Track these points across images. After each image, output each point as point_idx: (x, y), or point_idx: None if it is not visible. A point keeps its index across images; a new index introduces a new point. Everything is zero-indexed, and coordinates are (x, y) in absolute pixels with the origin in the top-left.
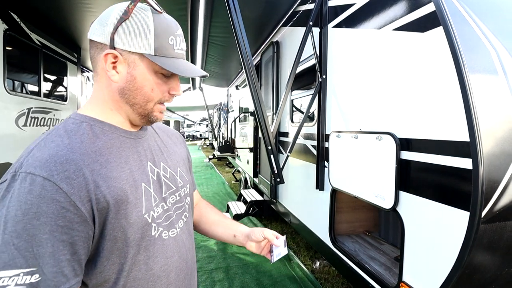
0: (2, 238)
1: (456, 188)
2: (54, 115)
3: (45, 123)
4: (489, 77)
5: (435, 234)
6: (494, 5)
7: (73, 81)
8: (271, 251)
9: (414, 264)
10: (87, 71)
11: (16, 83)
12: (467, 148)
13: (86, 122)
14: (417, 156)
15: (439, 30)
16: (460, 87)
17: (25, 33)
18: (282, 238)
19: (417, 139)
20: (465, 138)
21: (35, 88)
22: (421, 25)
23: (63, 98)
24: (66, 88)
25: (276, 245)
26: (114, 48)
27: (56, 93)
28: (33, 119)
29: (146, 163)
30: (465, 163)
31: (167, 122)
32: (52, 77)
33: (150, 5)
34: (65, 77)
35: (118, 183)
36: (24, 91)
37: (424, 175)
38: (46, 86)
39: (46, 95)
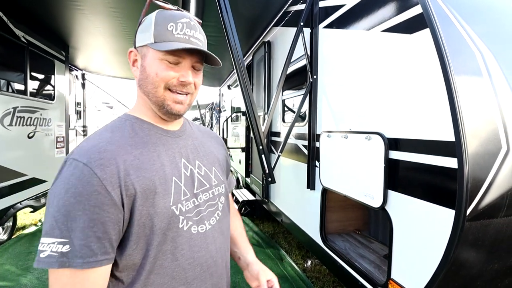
0: (48, 210)
1: (442, 187)
2: (41, 114)
3: (31, 123)
4: (474, 78)
5: (422, 232)
6: (479, 8)
7: (61, 80)
8: None
9: (402, 261)
10: (75, 69)
11: (1, 81)
12: (453, 148)
13: (129, 120)
14: (405, 156)
15: (426, 32)
16: (446, 88)
17: (11, 31)
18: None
19: (405, 139)
20: (451, 138)
21: (21, 87)
22: (409, 26)
23: (50, 97)
24: (53, 86)
25: None
26: (136, 48)
27: (43, 92)
28: (19, 119)
29: (180, 159)
30: (451, 162)
31: None
32: (39, 76)
33: (159, 5)
34: (52, 76)
35: (147, 174)
36: (9, 89)
37: (412, 174)
38: (32, 85)
39: (32, 94)
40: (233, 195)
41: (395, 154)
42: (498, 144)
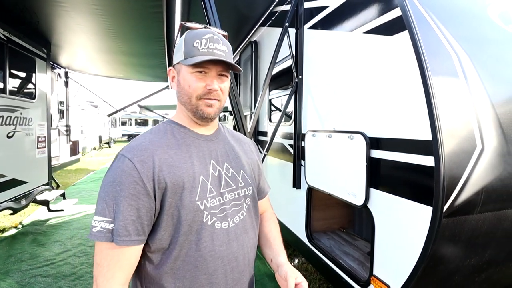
0: (100, 195)
1: (420, 185)
2: (21, 113)
3: (11, 122)
4: (450, 79)
5: (402, 229)
6: (456, 11)
7: (42, 78)
8: None
9: (384, 258)
10: (58, 67)
11: None
12: (430, 147)
13: (169, 124)
14: (385, 155)
15: (405, 34)
16: (423, 88)
17: None
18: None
19: (385, 138)
20: (428, 137)
21: (0, 85)
22: (389, 28)
23: (31, 96)
24: (34, 85)
25: None
26: (173, 67)
27: (23, 91)
28: None
29: (209, 161)
30: (428, 160)
31: (145, 121)
32: (19, 74)
33: (188, 27)
34: (33, 74)
35: (178, 171)
36: None
37: (392, 172)
38: (12, 83)
39: (12, 93)
40: None
41: (376, 153)
42: (473, 142)
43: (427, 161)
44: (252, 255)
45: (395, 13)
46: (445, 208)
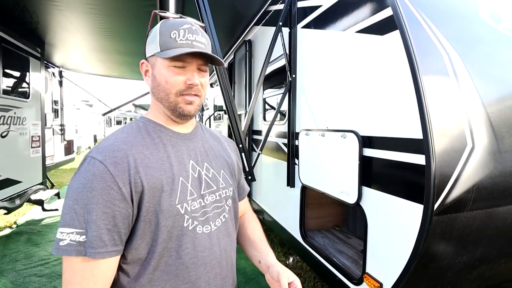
0: (67, 203)
1: (411, 183)
2: (15, 113)
3: (5, 122)
4: (441, 78)
5: (394, 227)
6: (447, 10)
7: (36, 77)
8: None
9: (377, 256)
10: (52, 67)
11: None
12: (421, 145)
13: (144, 122)
14: (377, 153)
15: (396, 33)
16: (414, 88)
17: None
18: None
19: (377, 137)
20: (419, 135)
21: None
22: (381, 28)
23: (25, 95)
24: (28, 84)
25: None
26: (146, 59)
27: (17, 90)
28: None
29: (188, 161)
30: (419, 159)
31: None
32: (13, 73)
33: (163, 16)
34: (27, 73)
35: (155, 173)
36: None
37: (384, 171)
38: (5, 82)
39: (5, 92)
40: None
41: (368, 152)
42: (464, 141)
43: (418, 159)
44: (234, 259)
45: (387, 12)
46: (436, 206)
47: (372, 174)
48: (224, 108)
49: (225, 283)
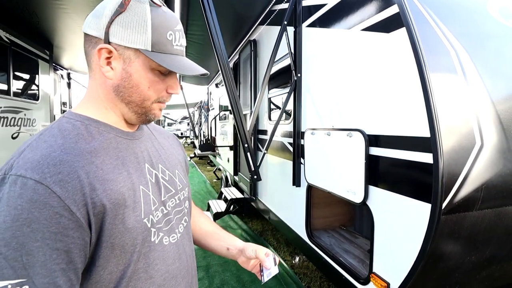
0: None
1: (419, 182)
2: (25, 114)
3: (15, 123)
4: (449, 76)
5: (401, 226)
6: (455, 7)
7: (45, 80)
8: (261, 271)
9: (383, 255)
10: (60, 69)
11: None
12: (428, 144)
13: (81, 121)
14: (384, 152)
15: (403, 31)
16: (421, 85)
17: None
18: (271, 257)
19: (384, 135)
20: (426, 134)
21: (4, 87)
22: (386, 26)
23: (34, 97)
24: (37, 86)
25: (267, 267)
26: (109, 43)
27: (27, 92)
28: (2, 119)
29: (144, 165)
30: (427, 157)
31: None
32: (23, 75)
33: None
34: (36, 75)
35: (115, 186)
36: None
37: (391, 169)
38: (16, 85)
39: (16, 94)
40: (221, 193)
41: (375, 150)
42: (473, 139)
43: (426, 158)
44: (195, 262)
45: (393, 10)
46: (444, 205)
47: (378, 173)
48: (230, 108)
49: (193, 286)
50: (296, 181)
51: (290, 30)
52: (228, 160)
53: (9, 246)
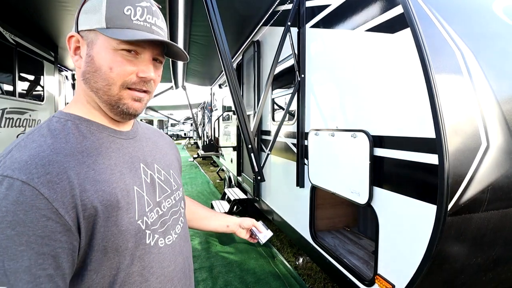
0: None
1: (424, 183)
2: (30, 115)
3: (20, 124)
4: (454, 76)
5: (406, 228)
6: (460, 7)
7: (50, 81)
8: (255, 236)
9: (388, 257)
10: (65, 70)
11: None
12: (434, 145)
13: (72, 120)
14: (389, 153)
15: (407, 31)
16: (426, 86)
17: None
18: (261, 223)
19: (388, 136)
20: (432, 135)
21: (10, 88)
22: (391, 26)
23: (39, 98)
24: (42, 87)
25: (260, 231)
26: (78, 33)
27: (32, 93)
28: (8, 120)
29: (138, 165)
30: (432, 158)
31: (150, 122)
32: (28, 77)
33: None
34: (41, 77)
35: (107, 187)
36: None
37: (396, 170)
38: (21, 86)
39: (21, 95)
40: (225, 194)
41: (379, 151)
42: (478, 140)
43: (431, 159)
44: (192, 262)
45: (397, 10)
46: (449, 206)
47: (383, 174)
48: (233, 108)
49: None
50: (300, 182)
51: (294, 31)
52: (232, 161)
53: None
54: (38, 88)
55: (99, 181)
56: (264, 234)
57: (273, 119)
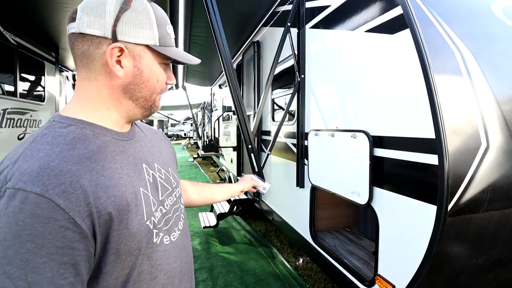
0: None
1: (424, 183)
2: (31, 115)
3: (21, 124)
4: (454, 77)
5: (406, 228)
6: (459, 8)
7: (51, 81)
8: (255, 188)
9: (389, 257)
10: (66, 70)
11: None
12: (433, 145)
13: (75, 125)
14: (389, 153)
15: (407, 32)
16: (426, 87)
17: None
18: (255, 177)
19: (388, 137)
20: (431, 135)
21: (11, 88)
22: (390, 27)
23: (40, 99)
24: (43, 88)
25: (259, 186)
26: (117, 41)
27: (33, 93)
28: (9, 120)
29: (141, 166)
30: (432, 159)
31: (150, 122)
32: (29, 77)
33: None
34: (42, 77)
35: (117, 192)
36: None
37: (396, 171)
38: (22, 86)
39: (22, 96)
40: None
41: (379, 152)
42: (478, 140)
43: (431, 159)
44: (192, 256)
45: (397, 11)
46: (449, 206)
47: (383, 174)
48: (233, 109)
49: (192, 281)
50: (300, 182)
51: (294, 31)
52: (232, 161)
53: (13, 264)
54: (39, 88)
55: (110, 186)
56: (264, 185)
57: (273, 119)
